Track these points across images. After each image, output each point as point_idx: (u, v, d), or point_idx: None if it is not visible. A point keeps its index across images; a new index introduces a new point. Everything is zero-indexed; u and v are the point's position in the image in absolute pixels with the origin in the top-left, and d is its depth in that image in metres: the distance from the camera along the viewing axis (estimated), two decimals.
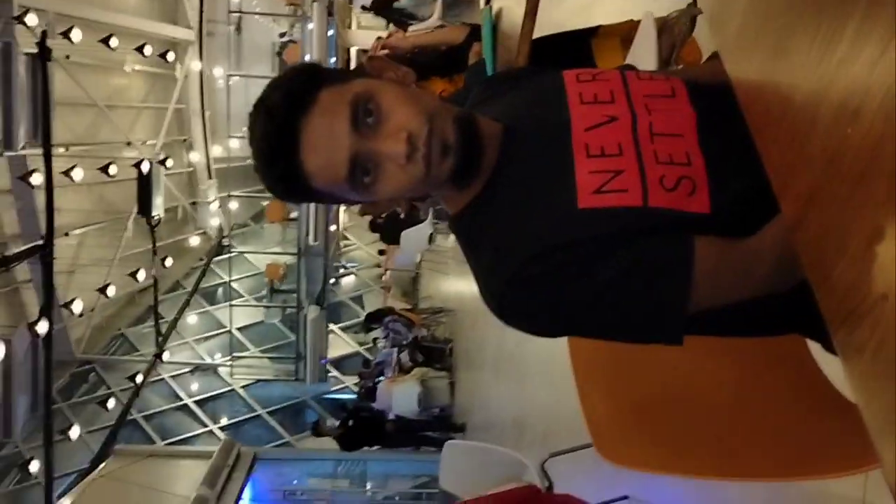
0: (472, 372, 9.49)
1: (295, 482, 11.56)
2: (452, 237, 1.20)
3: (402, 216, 10.31)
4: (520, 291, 1.03)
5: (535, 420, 5.61)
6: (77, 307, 11.38)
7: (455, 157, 1.03)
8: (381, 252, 14.72)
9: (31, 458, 10.08)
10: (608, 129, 1.06)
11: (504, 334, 6.52)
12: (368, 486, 11.51)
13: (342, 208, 14.39)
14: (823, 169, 0.73)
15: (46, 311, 8.93)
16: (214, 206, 17.19)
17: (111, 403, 13.20)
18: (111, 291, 12.61)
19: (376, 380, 11.17)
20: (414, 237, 10.68)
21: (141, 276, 13.30)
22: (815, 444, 1.41)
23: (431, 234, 10.48)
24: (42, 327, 8.82)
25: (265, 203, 15.95)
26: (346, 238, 18.40)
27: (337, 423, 10.30)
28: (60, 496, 9.17)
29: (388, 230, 11.70)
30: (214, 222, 17.53)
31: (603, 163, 1.04)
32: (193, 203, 17.04)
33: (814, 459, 1.40)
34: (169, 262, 14.42)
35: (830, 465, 1.36)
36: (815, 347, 1.43)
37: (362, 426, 9.89)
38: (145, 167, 12.34)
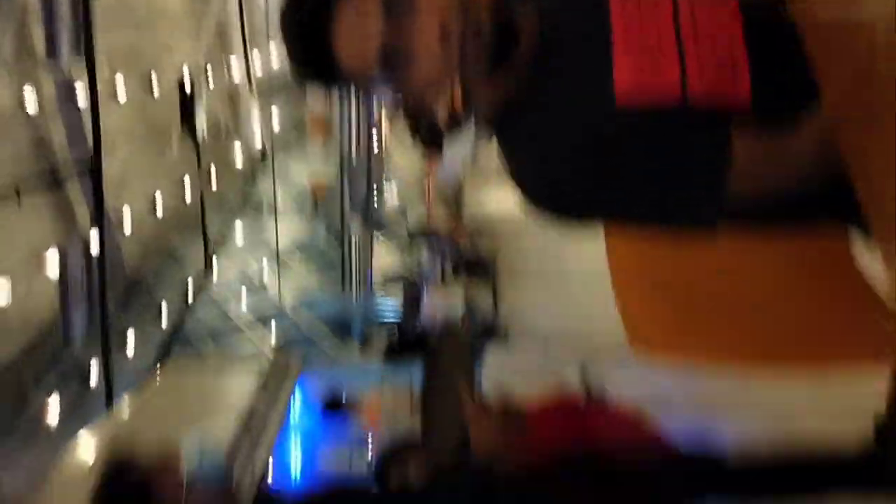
0: (514, 283, 9.56)
1: (343, 392, 11.82)
2: (496, 147, 1.18)
3: (444, 128, 10.20)
4: (554, 185, 1.03)
5: (575, 330, 5.66)
6: (126, 224, 11.64)
7: (487, 44, 1.01)
8: (424, 166, 14.67)
9: (90, 365, 10.49)
10: (648, 16, 1.03)
11: (546, 247, 6.52)
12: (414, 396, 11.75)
13: (385, 121, 14.34)
14: (868, 60, 0.70)
15: (98, 222, 9.16)
16: (257, 122, 17.22)
17: (163, 319, 13.58)
18: (158, 208, 12.82)
19: (420, 292, 11.29)
20: (457, 150, 10.61)
21: (187, 193, 13.49)
22: (852, 337, 1.41)
23: (475, 146, 10.39)
24: (94, 242, 9.07)
25: (308, 119, 15.92)
26: (388, 152, 18.36)
27: (383, 334, 10.48)
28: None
29: (431, 142, 11.62)
30: (257, 138, 17.58)
31: (641, 51, 1.01)
32: (236, 119, 17.08)
33: (850, 350, 1.40)
34: (213, 178, 14.58)
35: (867, 357, 1.36)
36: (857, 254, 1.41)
37: (407, 337, 10.06)
38: (188, 84, 12.38)
